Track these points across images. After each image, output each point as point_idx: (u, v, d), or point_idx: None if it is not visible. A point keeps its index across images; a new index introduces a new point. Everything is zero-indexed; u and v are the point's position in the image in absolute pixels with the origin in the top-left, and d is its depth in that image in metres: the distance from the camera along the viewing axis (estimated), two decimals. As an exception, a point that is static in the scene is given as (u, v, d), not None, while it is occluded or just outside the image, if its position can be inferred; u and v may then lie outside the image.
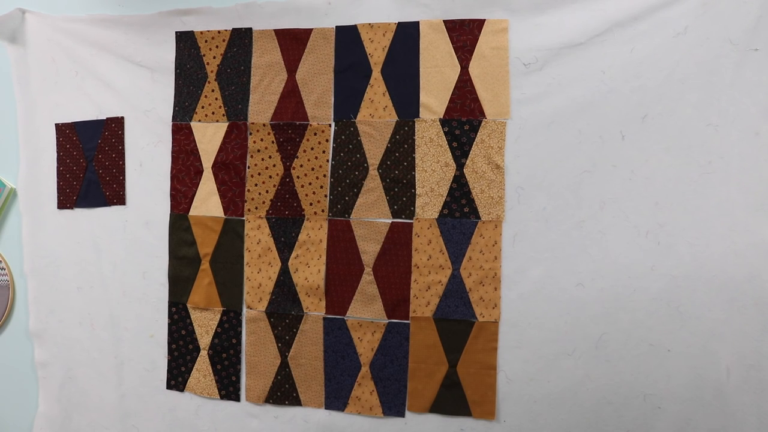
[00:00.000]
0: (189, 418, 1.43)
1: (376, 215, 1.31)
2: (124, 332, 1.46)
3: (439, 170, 1.28)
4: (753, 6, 1.12)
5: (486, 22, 1.25)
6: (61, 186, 1.48)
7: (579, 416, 1.23)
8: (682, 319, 1.17)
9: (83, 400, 1.50)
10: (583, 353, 1.22)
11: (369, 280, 1.31)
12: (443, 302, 1.27)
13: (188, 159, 1.41)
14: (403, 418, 1.30)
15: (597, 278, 1.21)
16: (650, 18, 1.17)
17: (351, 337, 1.33)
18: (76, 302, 1.48)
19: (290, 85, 1.35)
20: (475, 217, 1.26)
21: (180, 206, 1.42)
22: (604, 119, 1.20)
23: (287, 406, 1.37)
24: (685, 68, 1.16)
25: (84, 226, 1.47)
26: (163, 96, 1.42)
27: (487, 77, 1.25)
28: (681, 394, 1.18)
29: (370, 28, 1.31)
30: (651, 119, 1.18)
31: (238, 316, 1.39)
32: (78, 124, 1.47)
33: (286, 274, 1.35)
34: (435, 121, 1.28)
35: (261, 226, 1.37)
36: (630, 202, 1.19)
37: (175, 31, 1.40)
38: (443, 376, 1.28)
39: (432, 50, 1.28)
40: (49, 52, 1.46)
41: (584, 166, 1.21)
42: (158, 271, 1.43)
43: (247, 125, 1.37)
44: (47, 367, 1.51)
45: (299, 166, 1.35)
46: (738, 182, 1.15)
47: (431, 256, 1.28)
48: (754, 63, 1.13)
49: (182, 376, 1.43)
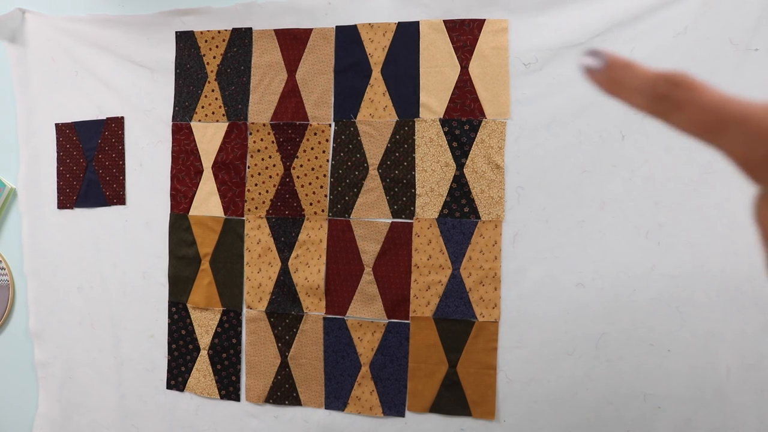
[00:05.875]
0: (189, 418, 1.43)
1: (376, 215, 1.31)
2: (124, 332, 1.46)
3: (439, 170, 1.28)
4: (753, 6, 1.12)
5: (486, 22, 1.25)
6: (61, 186, 1.48)
7: (579, 416, 1.23)
8: (682, 319, 1.17)
9: (83, 400, 1.50)
10: (583, 353, 1.22)
11: (369, 280, 1.31)
12: (443, 302, 1.27)
13: (188, 159, 1.41)
14: (403, 418, 1.30)
15: (597, 278, 1.21)
16: (650, 18, 1.17)
17: (351, 337, 1.33)
18: (76, 302, 1.48)
19: (290, 85, 1.35)
20: (475, 217, 1.26)
21: (180, 206, 1.42)
22: (604, 119, 1.20)
23: (287, 406, 1.37)
24: (685, 68, 1.15)
25: (84, 226, 1.47)
26: (163, 96, 1.42)
27: (487, 77, 1.25)
28: (681, 394, 1.18)
29: (370, 28, 1.31)
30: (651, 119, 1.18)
31: (238, 316, 1.39)
32: (78, 124, 1.47)
33: (286, 274, 1.35)
34: (435, 121, 1.28)
35: (261, 226, 1.37)
36: (630, 202, 1.19)
37: (175, 31, 1.40)
38: (443, 376, 1.28)
39: (432, 50, 1.27)
40: (49, 52, 1.46)
41: (584, 166, 1.21)
42: (158, 271, 1.43)
43: (247, 125, 1.37)
44: (47, 367, 1.51)
45: (299, 166, 1.35)
46: (738, 182, 1.14)
47: (431, 256, 1.28)
48: (754, 63, 1.13)
49: (182, 376, 1.43)
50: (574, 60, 1.21)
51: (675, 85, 0.20)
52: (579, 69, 0.24)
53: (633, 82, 0.22)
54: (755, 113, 0.18)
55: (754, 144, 0.18)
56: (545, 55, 1.22)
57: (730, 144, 0.19)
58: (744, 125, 0.18)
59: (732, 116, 0.19)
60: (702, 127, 0.20)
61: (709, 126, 0.19)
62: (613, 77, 0.23)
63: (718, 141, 0.19)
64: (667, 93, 0.21)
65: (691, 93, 0.20)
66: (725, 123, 0.19)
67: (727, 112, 0.19)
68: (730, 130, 0.19)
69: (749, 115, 0.18)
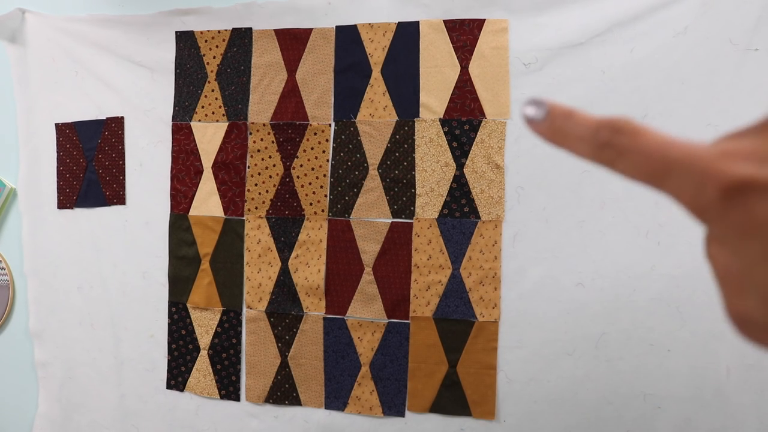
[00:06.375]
0: (189, 418, 1.43)
1: (376, 215, 1.31)
2: (124, 332, 1.46)
3: (439, 170, 1.28)
4: (753, 6, 1.12)
5: (486, 22, 1.25)
6: (61, 186, 1.48)
7: (579, 416, 1.23)
8: (682, 319, 1.18)
9: (83, 400, 1.50)
10: (583, 353, 1.22)
11: (369, 280, 1.31)
12: (443, 302, 1.27)
13: (188, 159, 1.41)
14: (403, 418, 1.30)
15: (597, 278, 1.21)
16: (650, 18, 1.17)
17: (351, 337, 1.33)
18: (76, 302, 1.48)
19: (290, 85, 1.35)
20: (475, 217, 1.26)
21: (180, 206, 1.42)
22: (604, 119, 1.20)
23: (287, 406, 1.37)
24: (685, 68, 1.16)
25: (84, 226, 1.47)
26: (163, 96, 1.42)
27: (487, 77, 1.25)
28: (681, 394, 1.18)
29: (370, 28, 1.31)
30: (651, 119, 1.18)
31: (238, 316, 1.39)
32: (78, 124, 1.47)
33: (286, 274, 1.35)
34: (435, 121, 1.28)
35: (261, 226, 1.37)
36: (630, 202, 1.19)
37: (175, 31, 1.40)
38: (443, 375, 1.28)
39: (432, 50, 1.27)
40: (49, 51, 1.46)
41: (584, 166, 1.21)
42: (158, 271, 1.43)
43: (247, 125, 1.37)
44: (47, 367, 1.51)
45: (299, 166, 1.35)
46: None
47: (431, 256, 1.28)
48: (754, 63, 1.13)
49: (182, 376, 1.43)
50: (575, 60, 1.21)
51: (617, 132, 0.20)
52: (523, 119, 0.24)
53: (576, 131, 0.21)
54: (699, 156, 0.18)
55: (700, 187, 0.18)
56: (545, 55, 1.22)
57: (676, 189, 0.19)
58: (688, 169, 0.18)
59: (676, 160, 0.18)
60: (647, 173, 0.19)
61: (654, 172, 0.19)
62: (555, 127, 0.22)
63: (665, 186, 0.19)
64: (610, 140, 0.20)
65: (632, 139, 0.20)
66: (670, 168, 0.18)
67: (671, 157, 0.18)
68: (675, 175, 0.18)
69: (693, 158, 0.18)
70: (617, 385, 1.21)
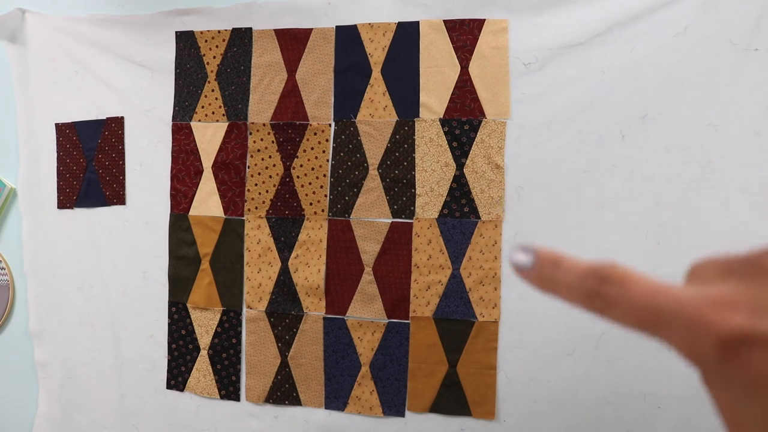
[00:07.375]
0: (189, 418, 1.43)
1: (376, 215, 1.31)
2: (124, 332, 1.46)
3: (439, 170, 1.28)
4: (753, 6, 1.12)
5: (486, 22, 1.25)
6: (61, 186, 1.48)
7: (579, 416, 1.23)
8: (682, 319, 1.17)
9: (83, 400, 1.50)
10: (583, 353, 1.22)
11: (369, 280, 1.31)
12: (443, 302, 1.27)
13: (188, 159, 1.41)
14: (403, 418, 1.30)
15: (597, 278, 1.21)
16: (650, 18, 1.17)
17: (351, 337, 1.33)
18: (76, 302, 1.48)
19: (290, 85, 1.35)
20: (475, 216, 1.26)
21: (180, 206, 1.42)
22: (604, 119, 1.20)
23: (287, 406, 1.37)
24: (685, 68, 1.16)
25: (84, 226, 1.47)
26: (163, 96, 1.42)
27: (487, 77, 1.25)
28: (681, 394, 1.18)
29: (370, 28, 1.31)
30: (651, 119, 1.18)
31: (238, 316, 1.39)
32: (78, 124, 1.47)
33: (286, 274, 1.35)
34: (435, 120, 1.28)
35: (261, 226, 1.37)
36: (630, 202, 1.19)
37: (175, 31, 1.40)
38: (443, 375, 1.28)
39: (432, 50, 1.27)
40: (49, 51, 1.46)
41: (584, 166, 1.21)
42: (158, 271, 1.43)
43: (247, 125, 1.37)
44: (47, 367, 1.51)
45: (299, 165, 1.35)
46: (738, 182, 1.15)
47: (431, 256, 1.28)
48: (754, 63, 1.13)
49: (182, 376, 1.43)
50: (575, 60, 1.21)
51: (604, 281, 0.19)
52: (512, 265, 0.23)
53: (564, 279, 0.21)
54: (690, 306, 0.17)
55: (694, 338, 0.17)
56: (545, 55, 1.22)
57: (669, 336, 0.18)
58: (680, 320, 0.17)
59: (666, 311, 0.18)
60: (638, 323, 0.19)
61: (646, 322, 0.18)
62: (543, 275, 0.22)
63: (658, 333, 0.18)
64: (598, 290, 0.20)
65: (620, 288, 0.19)
66: (661, 318, 0.18)
67: (661, 307, 0.18)
68: (667, 325, 0.18)
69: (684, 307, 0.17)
70: (617, 385, 1.21)
